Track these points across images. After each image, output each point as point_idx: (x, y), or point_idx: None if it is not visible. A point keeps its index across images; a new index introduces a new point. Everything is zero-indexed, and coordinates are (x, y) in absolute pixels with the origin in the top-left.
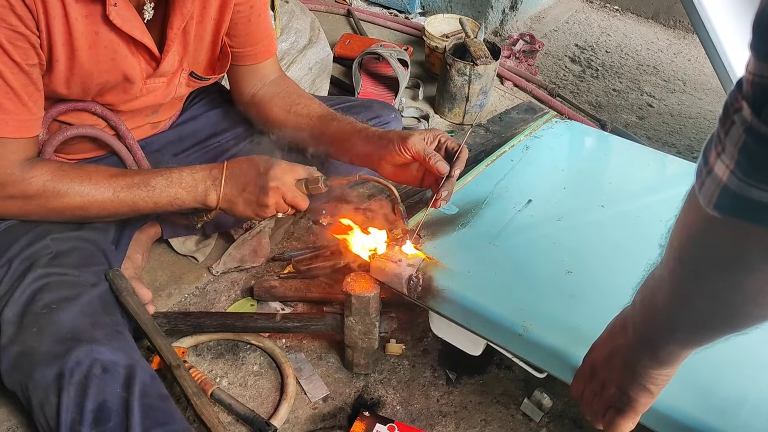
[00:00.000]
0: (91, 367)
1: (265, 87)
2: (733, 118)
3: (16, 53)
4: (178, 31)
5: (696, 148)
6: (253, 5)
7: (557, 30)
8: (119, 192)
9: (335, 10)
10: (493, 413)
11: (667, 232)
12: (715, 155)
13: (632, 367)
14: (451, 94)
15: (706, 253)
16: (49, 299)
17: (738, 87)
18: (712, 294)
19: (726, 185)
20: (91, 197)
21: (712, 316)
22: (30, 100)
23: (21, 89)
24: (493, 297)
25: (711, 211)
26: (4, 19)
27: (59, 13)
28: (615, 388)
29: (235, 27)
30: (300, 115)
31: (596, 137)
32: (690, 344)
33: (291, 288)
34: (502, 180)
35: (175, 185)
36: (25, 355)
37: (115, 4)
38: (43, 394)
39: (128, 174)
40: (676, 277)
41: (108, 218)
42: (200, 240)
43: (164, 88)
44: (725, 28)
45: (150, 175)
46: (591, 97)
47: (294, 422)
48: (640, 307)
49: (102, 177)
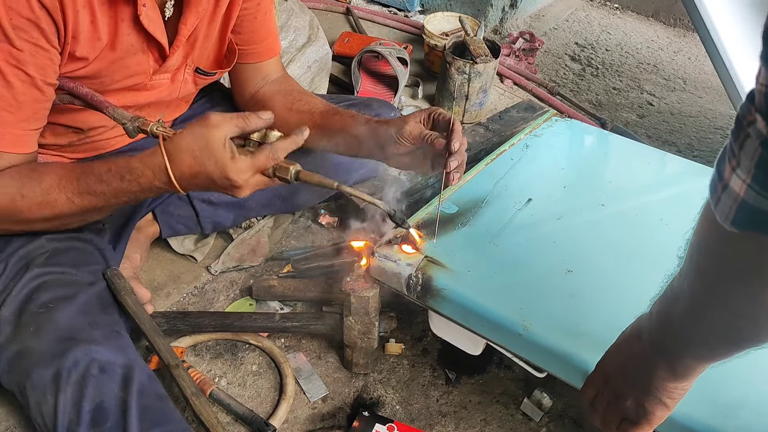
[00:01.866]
0: (89, 367)
1: (267, 85)
2: (748, 131)
3: (34, 68)
4: (191, 28)
5: (696, 147)
6: (260, 2)
7: (557, 28)
8: (73, 198)
9: (334, 8)
10: (493, 413)
11: (685, 244)
12: (730, 169)
13: (648, 379)
14: (451, 93)
15: (723, 266)
16: (46, 298)
17: (750, 99)
18: (731, 307)
19: (743, 200)
20: (48, 207)
21: (730, 330)
22: (33, 117)
23: (28, 105)
24: (493, 296)
25: (728, 227)
26: (26, 31)
27: (86, 20)
28: (630, 400)
29: (240, 24)
30: (302, 112)
31: (596, 136)
32: (707, 358)
33: (290, 287)
34: (502, 179)
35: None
36: (22, 355)
37: (144, 5)
38: (40, 394)
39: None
40: (694, 290)
41: (75, 224)
42: (199, 239)
43: (168, 84)
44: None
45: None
46: (591, 96)
47: (293, 422)
48: (657, 319)
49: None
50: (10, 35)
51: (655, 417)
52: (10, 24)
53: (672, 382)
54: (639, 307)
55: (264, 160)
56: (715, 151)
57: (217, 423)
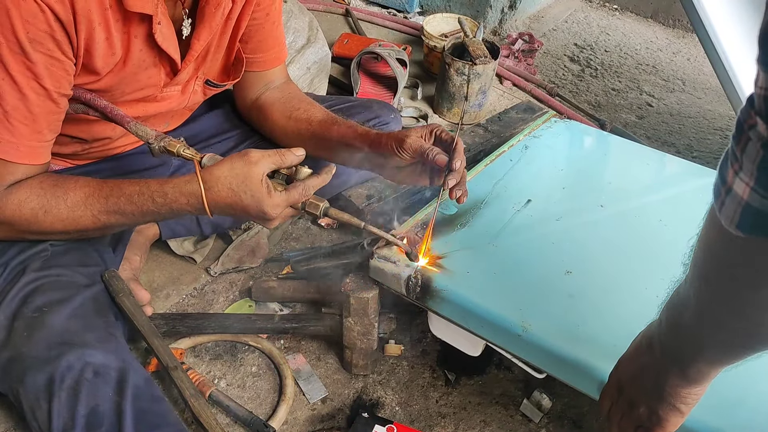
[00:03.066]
0: (83, 371)
1: (268, 92)
2: (749, 135)
3: (49, 80)
4: (204, 43)
5: (695, 148)
6: (269, 13)
7: (556, 29)
8: (99, 216)
9: (333, 10)
10: (493, 414)
11: (689, 250)
12: (733, 173)
13: (661, 386)
14: (450, 94)
15: (730, 271)
16: (41, 302)
17: (750, 103)
18: (739, 312)
19: (747, 203)
20: (73, 224)
21: (740, 334)
22: (48, 128)
23: (42, 116)
24: (492, 297)
25: (734, 231)
26: (42, 44)
27: (102, 36)
28: (644, 408)
29: (249, 34)
30: (300, 120)
31: (595, 137)
32: (719, 362)
33: (289, 289)
34: (501, 180)
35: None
36: (15, 361)
37: (159, 23)
38: (34, 400)
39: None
40: (701, 296)
41: (99, 234)
42: (198, 241)
43: (178, 96)
44: (724, 27)
45: (126, 191)
46: (590, 97)
47: (293, 423)
48: (667, 326)
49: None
50: (27, 48)
51: (669, 424)
52: (27, 37)
53: (685, 387)
54: (639, 307)
55: (297, 196)
56: (714, 152)
57: (216, 425)
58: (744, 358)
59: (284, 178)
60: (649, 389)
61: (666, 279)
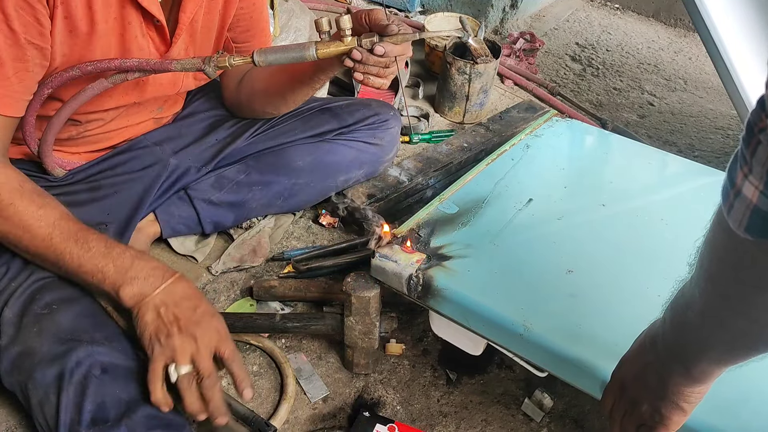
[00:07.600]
0: (91, 367)
1: (243, 80)
2: (759, 138)
3: (18, 23)
4: (191, 14)
5: (697, 147)
6: (255, 2)
7: (558, 28)
8: (55, 236)
9: (335, 9)
10: (494, 413)
11: (695, 251)
12: (742, 176)
13: (664, 384)
14: (451, 93)
15: (737, 273)
16: (49, 299)
17: (761, 106)
18: (745, 314)
19: (756, 206)
20: (29, 229)
21: (745, 335)
22: (15, 76)
23: (9, 62)
24: (494, 296)
25: (742, 234)
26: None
27: None
28: (647, 406)
29: (236, 22)
30: (255, 80)
31: (597, 136)
32: (724, 362)
33: (290, 288)
34: (503, 179)
35: (110, 258)
36: (25, 356)
37: None
38: (43, 394)
39: (76, 225)
40: (707, 297)
41: (30, 258)
42: (199, 240)
43: (171, 76)
44: (726, 27)
45: (93, 236)
46: (591, 96)
47: (294, 422)
48: (671, 325)
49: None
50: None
51: (672, 422)
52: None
53: (689, 386)
54: (640, 306)
55: None
56: (716, 151)
57: None
58: (749, 358)
59: (328, 34)
60: (651, 388)
61: (668, 278)
